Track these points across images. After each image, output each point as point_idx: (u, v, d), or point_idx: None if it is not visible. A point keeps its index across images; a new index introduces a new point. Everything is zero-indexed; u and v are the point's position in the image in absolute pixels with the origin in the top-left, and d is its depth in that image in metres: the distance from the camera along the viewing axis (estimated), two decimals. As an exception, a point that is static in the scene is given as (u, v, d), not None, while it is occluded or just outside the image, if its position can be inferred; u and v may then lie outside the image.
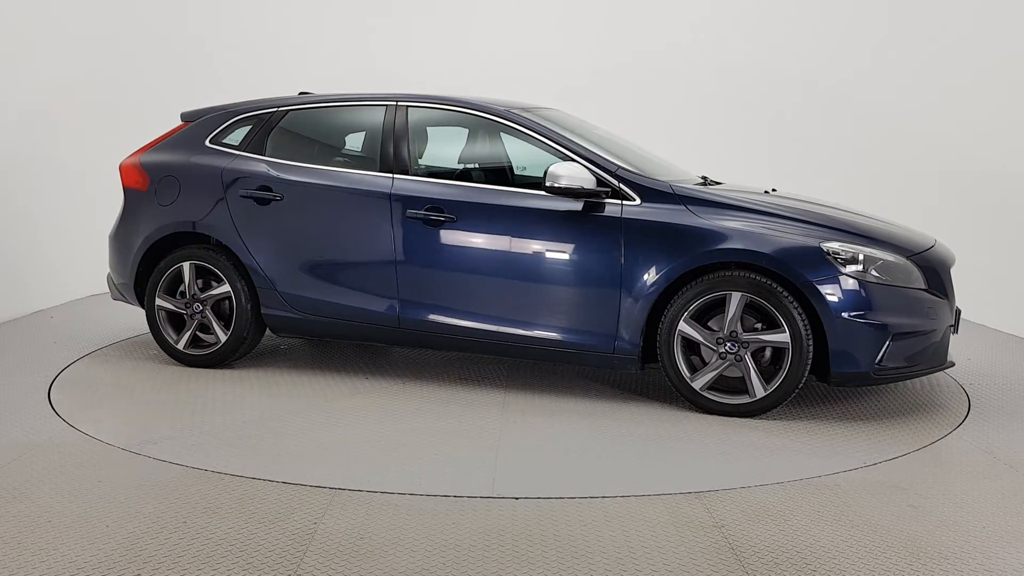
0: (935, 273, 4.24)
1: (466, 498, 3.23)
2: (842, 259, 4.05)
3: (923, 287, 4.16)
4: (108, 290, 5.39)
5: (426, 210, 4.51)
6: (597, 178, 4.31)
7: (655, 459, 3.69)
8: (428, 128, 4.88)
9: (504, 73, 7.67)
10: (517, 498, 3.22)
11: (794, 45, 7.62)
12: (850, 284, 4.02)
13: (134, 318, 6.14)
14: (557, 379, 4.84)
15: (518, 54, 7.82)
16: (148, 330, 5.12)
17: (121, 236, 5.15)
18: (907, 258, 4.18)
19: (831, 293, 4.00)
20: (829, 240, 4.11)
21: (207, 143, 5.06)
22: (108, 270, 5.32)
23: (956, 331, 4.42)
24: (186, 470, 3.47)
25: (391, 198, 4.58)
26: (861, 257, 4.08)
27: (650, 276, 4.20)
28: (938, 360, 4.30)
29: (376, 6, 7.92)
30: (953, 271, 4.40)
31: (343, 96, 5.04)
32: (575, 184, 4.25)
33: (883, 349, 4.04)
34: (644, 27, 7.82)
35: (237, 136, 5.04)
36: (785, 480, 3.45)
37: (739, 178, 5.33)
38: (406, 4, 7.97)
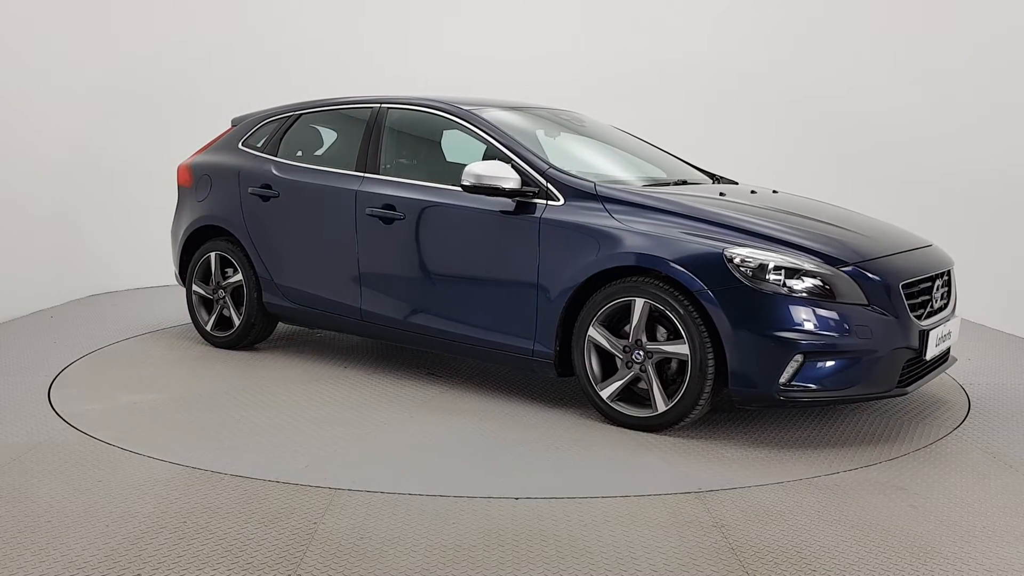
0: (880, 286, 3.72)
1: (466, 498, 3.23)
2: (746, 267, 3.65)
3: (859, 302, 3.67)
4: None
5: (382, 208, 4.61)
6: (524, 177, 4.19)
7: (655, 459, 3.69)
8: (401, 129, 4.94)
9: (534, 76, 7.74)
10: (517, 498, 3.23)
11: (806, 50, 7.65)
12: (751, 295, 3.61)
13: (134, 318, 6.22)
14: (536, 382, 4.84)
15: (548, 58, 7.87)
16: (148, 330, 5.71)
17: (174, 229, 5.75)
18: (839, 268, 3.68)
19: (728, 303, 3.63)
20: (738, 246, 3.71)
21: (239, 145, 5.46)
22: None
23: (920, 354, 3.84)
24: (186, 470, 3.47)
25: (357, 196, 4.72)
26: (771, 266, 3.63)
27: (561, 279, 4.04)
28: (881, 386, 3.75)
29: (412, 12, 7.98)
30: (953, 272, 4.35)
31: (347, 99, 5.23)
32: (494, 183, 4.14)
33: (790, 369, 3.62)
34: (663, 33, 7.87)
35: (263, 139, 5.38)
36: (785, 480, 3.45)
37: (748, 178, 5.36)
38: (457, 7, 8.04)
